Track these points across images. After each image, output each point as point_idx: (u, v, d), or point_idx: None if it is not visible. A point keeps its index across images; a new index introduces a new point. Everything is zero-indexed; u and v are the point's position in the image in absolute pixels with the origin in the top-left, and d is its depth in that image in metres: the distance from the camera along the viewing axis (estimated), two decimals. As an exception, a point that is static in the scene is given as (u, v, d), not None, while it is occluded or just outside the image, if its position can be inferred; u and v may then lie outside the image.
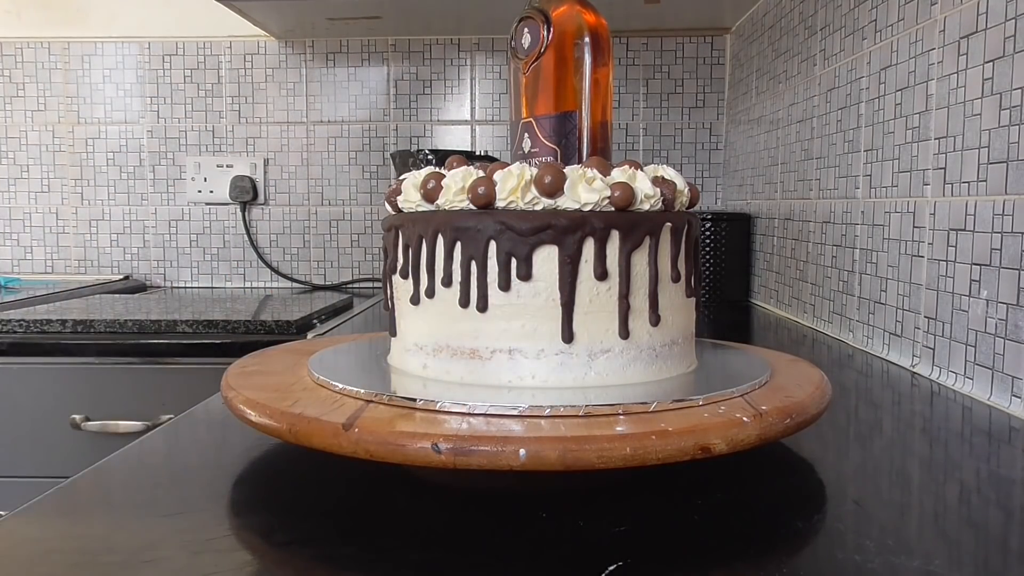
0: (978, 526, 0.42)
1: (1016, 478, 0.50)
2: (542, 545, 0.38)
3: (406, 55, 1.66)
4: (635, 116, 1.66)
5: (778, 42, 1.27)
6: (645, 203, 0.47)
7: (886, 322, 0.87)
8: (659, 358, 0.49)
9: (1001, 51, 0.65)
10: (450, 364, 0.48)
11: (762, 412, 0.41)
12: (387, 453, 0.38)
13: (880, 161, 0.88)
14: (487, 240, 0.46)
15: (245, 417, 0.44)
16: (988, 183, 0.67)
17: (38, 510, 0.43)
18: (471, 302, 0.46)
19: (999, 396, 0.65)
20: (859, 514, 0.42)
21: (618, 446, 0.37)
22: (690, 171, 1.65)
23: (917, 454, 0.57)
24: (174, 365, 1.08)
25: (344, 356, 0.58)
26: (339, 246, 1.71)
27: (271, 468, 0.48)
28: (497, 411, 0.41)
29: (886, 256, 0.87)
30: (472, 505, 0.43)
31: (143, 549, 0.38)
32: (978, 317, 0.69)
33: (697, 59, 1.64)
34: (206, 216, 1.71)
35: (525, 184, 0.46)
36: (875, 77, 0.90)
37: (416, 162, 1.40)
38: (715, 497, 0.43)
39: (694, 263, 0.51)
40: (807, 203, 1.12)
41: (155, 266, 1.72)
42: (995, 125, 0.66)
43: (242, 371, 0.52)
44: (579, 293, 0.46)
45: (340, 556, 0.36)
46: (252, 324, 1.14)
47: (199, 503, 0.43)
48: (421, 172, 0.50)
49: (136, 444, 0.54)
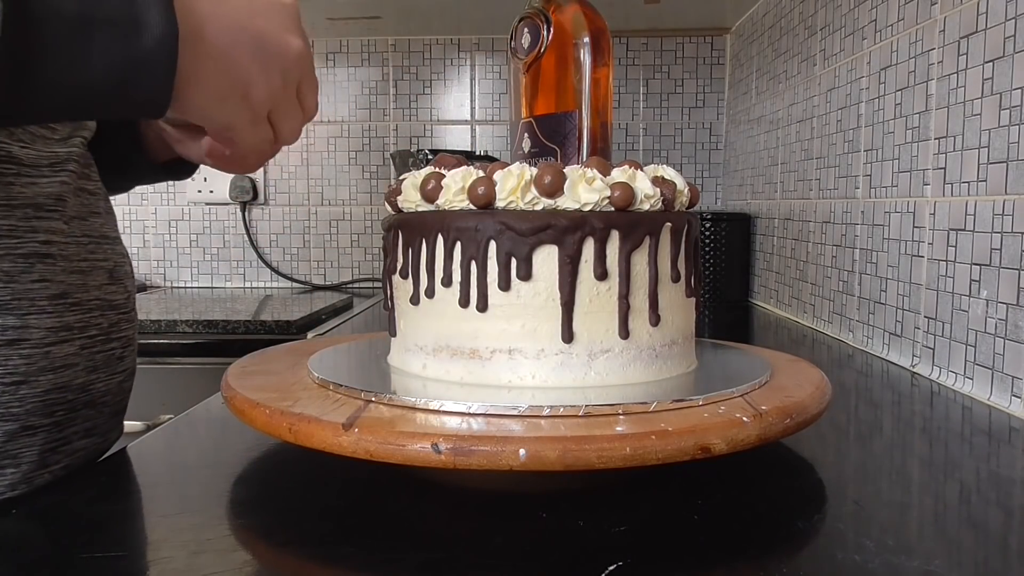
0: (978, 526, 0.42)
1: (1016, 478, 0.50)
2: (542, 545, 0.38)
3: (406, 55, 1.66)
4: (635, 116, 1.66)
5: (778, 42, 1.27)
6: (645, 203, 0.47)
7: (886, 322, 0.87)
8: (659, 358, 0.49)
9: (1001, 51, 0.65)
10: (450, 364, 0.48)
11: (762, 412, 0.41)
12: (387, 453, 0.38)
13: (880, 161, 0.88)
14: (487, 240, 0.46)
15: (245, 417, 0.44)
16: (988, 183, 0.67)
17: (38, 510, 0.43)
18: (471, 302, 0.46)
19: (999, 396, 0.65)
20: (859, 514, 0.42)
21: (618, 446, 0.37)
22: (690, 171, 1.65)
23: (917, 454, 0.57)
24: (174, 365, 1.08)
25: (344, 356, 0.58)
26: (339, 246, 1.71)
27: (271, 468, 0.48)
28: (497, 411, 0.41)
29: (886, 256, 0.87)
30: (472, 505, 0.43)
31: (143, 549, 0.38)
32: (978, 317, 0.69)
33: (697, 59, 1.64)
34: (206, 216, 1.71)
35: (525, 184, 0.46)
36: (875, 77, 0.90)
37: (416, 162, 1.40)
38: (715, 497, 0.43)
39: (694, 263, 0.51)
40: (807, 203, 1.12)
41: (155, 266, 1.72)
42: (995, 125, 0.66)
43: (242, 371, 0.52)
44: (579, 293, 0.46)
45: (340, 556, 0.36)
46: (252, 324, 1.14)
47: (199, 503, 0.43)
48: (421, 172, 0.50)
49: (136, 444, 0.54)
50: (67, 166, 0.51)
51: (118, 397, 0.56)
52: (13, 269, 0.46)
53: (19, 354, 0.46)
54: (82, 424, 0.51)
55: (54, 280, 0.48)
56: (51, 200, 0.49)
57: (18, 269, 0.46)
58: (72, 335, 0.49)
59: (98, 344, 0.52)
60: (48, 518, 0.42)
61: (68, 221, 0.50)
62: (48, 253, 0.48)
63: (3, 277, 0.45)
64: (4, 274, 0.45)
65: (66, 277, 0.49)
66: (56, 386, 0.48)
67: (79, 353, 0.50)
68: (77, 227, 0.51)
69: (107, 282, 0.53)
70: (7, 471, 0.46)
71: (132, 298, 0.58)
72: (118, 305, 0.55)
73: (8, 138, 0.46)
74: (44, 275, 0.48)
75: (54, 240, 0.49)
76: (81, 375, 0.50)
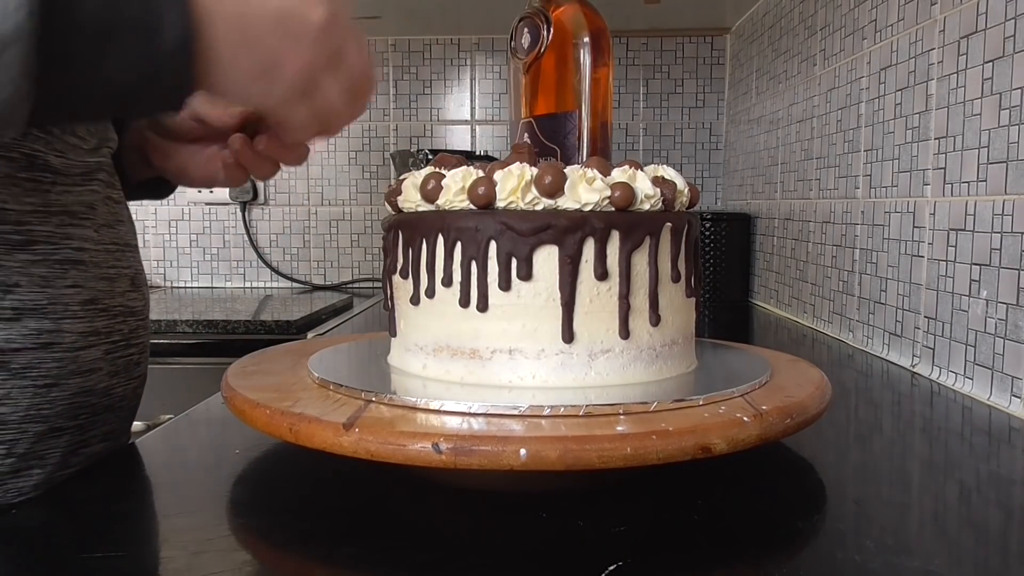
0: (978, 526, 0.42)
1: (1016, 478, 0.50)
2: (542, 545, 0.38)
3: (406, 55, 1.66)
4: (635, 116, 1.66)
5: (778, 42, 1.27)
6: (645, 203, 0.47)
7: (886, 322, 0.87)
8: (659, 358, 0.49)
9: (1001, 51, 0.65)
10: (450, 364, 0.48)
11: (762, 412, 0.41)
12: (387, 453, 0.38)
13: (880, 161, 0.88)
14: (487, 240, 0.46)
15: (245, 417, 0.44)
16: (988, 183, 0.67)
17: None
18: (471, 302, 0.46)
19: (999, 396, 0.65)
20: (859, 514, 0.42)
21: (618, 446, 0.37)
22: (690, 171, 1.65)
23: (917, 454, 0.57)
24: (174, 365, 1.08)
25: (344, 356, 0.58)
26: (339, 246, 1.71)
27: (271, 468, 0.48)
28: (497, 411, 0.41)
29: (886, 256, 0.87)
30: (472, 505, 0.43)
31: (143, 549, 0.38)
32: (978, 317, 0.69)
33: (697, 59, 1.64)
34: (206, 216, 1.71)
35: (525, 184, 0.46)
36: (875, 77, 0.90)
37: (416, 162, 1.40)
38: (715, 497, 0.43)
39: (694, 263, 0.51)
40: (807, 203, 1.12)
41: (155, 266, 1.72)
42: (995, 125, 0.66)
43: (242, 371, 0.52)
44: (579, 293, 0.46)
45: (340, 556, 0.36)
46: (252, 324, 1.14)
47: (199, 503, 0.43)
48: (421, 172, 0.50)
49: (136, 444, 0.54)
50: (98, 175, 0.52)
51: (133, 402, 0.57)
52: (50, 274, 0.47)
53: (52, 357, 0.47)
54: (101, 427, 0.52)
55: (86, 286, 0.49)
56: (83, 208, 0.50)
57: (54, 274, 0.47)
58: (99, 340, 0.50)
59: (120, 349, 0.53)
60: (48, 518, 0.42)
61: (98, 229, 0.51)
62: (80, 260, 0.49)
63: (40, 282, 0.46)
64: (41, 279, 0.46)
65: (96, 283, 0.50)
66: (83, 389, 0.49)
67: (103, 358, 0.51)
68: (106, 235, 0.52)
69: (129, 289, 0.55)
70: (34, 471, 0.47)
71: (148, 305, 0.59)
72: (137, 312, 0.56)
73: (45, 147, 0.47)
74: (77, 281, 0.49)
75: (86, 247, 0.50)
76: (104, 379, 0.51)
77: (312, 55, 0.41)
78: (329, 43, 0.42)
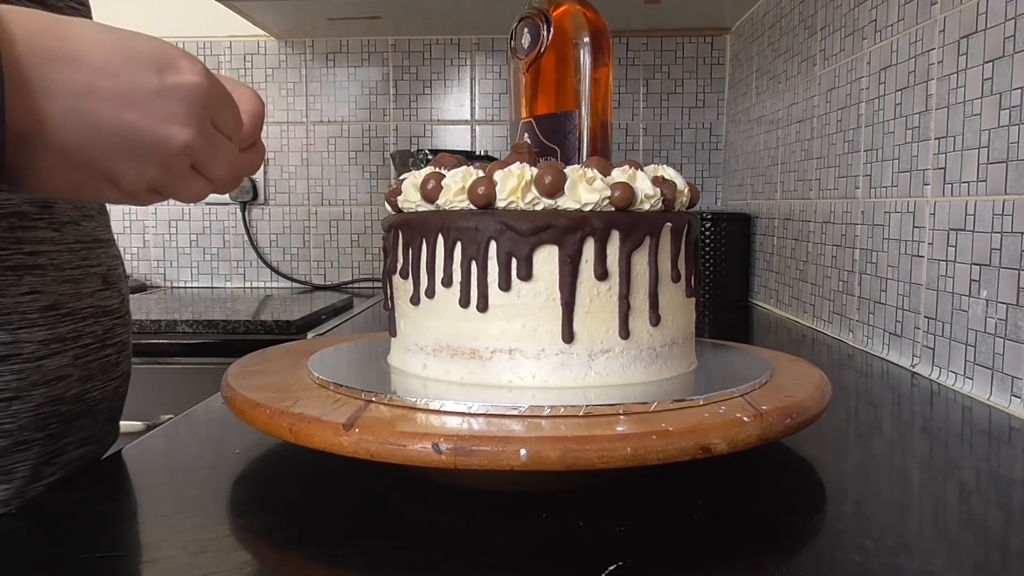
0: (978, 526, 0.42)
1: (1016, 478, 0.50)
2: (542, 545, 0.38)
3: (406, 55, 1.66)
4: (635, 116, 1.66)
5: (778, 42, 1.27)
6: (645, 203, 0.47)
7: (886, 322, 0.87)
8: (659, 358, 0.49)
9: (1001, 51, 0.65)
10: (450, 364, 0.48)
11: (762, 412, 0.41)
12: (387, 453, 0.38)
13: (880, 161, 0.88)
14: (487, 240, 0.46)
15: (245, 417, 0.44)
16: (988, 183, 0.67)
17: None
18: (471, 302, 0.46)
19: (999, 396, 0.65)
20: (859, 514, 0.42)
21: (619, 446, 0.37)
22: (690, 171, 1.65)
23: (917, 454, 0.57)
24: (174, 365, 1.08)
25: (344, 356, 0.58)
26: (339, 246, 1.71)
27: (271, 468, 0.48)
28: (497, 411, 0.41)
29: (886, 256, 0.87)
30: (472, 505, 0.43)
31: (143, 549, 0.38)
32: (978, 317, 0.69)
33: (697, 59, 1.64)
34: (206, 216, 1.71)
35: (525, 184, 0.46)
36: (875, 77, 0.90)
37: (416, 162, 1.40)
38: (715, 497, 0.43)
39: (694, 263, 0.51)
40: (807, 203, 1.12)
41: (155, 266, 1.72)
42: (995, 125, 0.66)
43: (242, 371, 0.52)
44: (579, 293, 0.46)
45: (340, 556, 0.36)
46: (252, 324, 1.14)
47: (199, 503, 0.43)
48: (421, 172, 0.50)
49: (136, 444, 0.54)
50: None
51: (113, 403, 0.55)
52: (2, 282, 0.45)
53: (10, 369, 0.45)
54: (77, 434, 0.50)
55: (44, 291, 0.47)
56: (36, 208, 0.47)
57: (6, 282, 0.45)
58: (65, 346, 0.48)
59: (92, 352, 0.51)
60: (48, 519, 0.42)
61: (59, 227, 0.49)
62: (37, 264, 0.47)
63: None
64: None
65: (57, 287, 0.48)
66: (49, 399, 0.47)
67: (73, 364, 0.49)
68: (70, 232, 0.50)
69: (101, 288, 0.52)
70: (0, 487, 0.46)
71: (126, 301, 0.57)
72: (112, 310, 0.54)
73: None
74: (34, 287, 0.46)
75: (42, 249, 0.47)
76: (75, 385, 0.49)
77: (161, 172, 0.37)
78: (184, 161, 0.38)
